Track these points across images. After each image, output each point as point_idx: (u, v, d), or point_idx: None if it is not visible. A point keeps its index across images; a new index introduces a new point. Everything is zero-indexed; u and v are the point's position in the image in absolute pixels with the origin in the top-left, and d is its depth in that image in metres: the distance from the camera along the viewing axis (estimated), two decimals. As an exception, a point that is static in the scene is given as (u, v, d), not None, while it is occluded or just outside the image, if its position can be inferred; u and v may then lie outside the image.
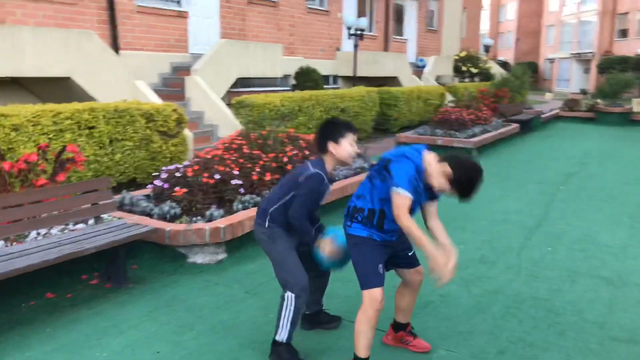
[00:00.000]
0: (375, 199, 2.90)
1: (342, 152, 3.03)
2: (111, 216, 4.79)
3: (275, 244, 3.12)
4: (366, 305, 2.89)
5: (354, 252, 2.97)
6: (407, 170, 2.77)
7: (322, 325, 3.58)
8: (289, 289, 3.07)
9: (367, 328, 2.89)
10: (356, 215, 2.95)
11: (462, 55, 22.86)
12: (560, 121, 18.13)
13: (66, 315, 3.70)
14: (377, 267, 2.91)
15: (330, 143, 3.03)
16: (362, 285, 2.92)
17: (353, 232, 2.96)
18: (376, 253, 2.93)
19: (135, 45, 10.78)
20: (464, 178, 2.74)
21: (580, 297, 4.15)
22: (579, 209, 6.80)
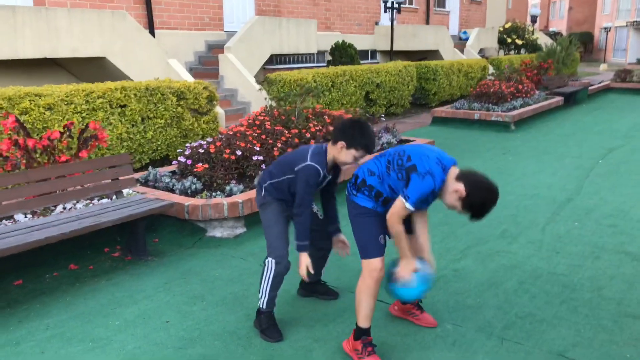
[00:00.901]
0: (386, 185, 2.86)
1: (344, 157, 2.98)
2: (134, 191, 4.94)
3: (265, 211, 3.20)
4: (365, 275, 2.90)
5: (355, 222, 2.95)
6: (424, 191, 2.69)
7: (318, 295, 3.65)
8: (269, 255, 3.16)
9: (367, 297, 2.90)
10: (363, 189, 2.92)
11: (507, 27, 22.07)
12: (610, 93, 17.33)
13: (86, 285, 3.87)
14: (378, 237, 2.90)
15: (340, 142, 2.95)
16: (361, 254, 2.93)
17: (358, 201, 2.93)
18: (378, 223, 2.91)
19: (170, 24, 10.94)
20: (476, 200, 2.65)
21: (601, 273, 4.02)
22: (615, 184, 6.53)
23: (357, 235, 2.95)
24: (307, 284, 3.64)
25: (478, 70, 15.98)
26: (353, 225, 2.97)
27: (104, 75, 8.78)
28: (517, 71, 13.90)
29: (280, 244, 3.17)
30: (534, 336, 3.18)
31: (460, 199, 2.67)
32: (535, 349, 3.05)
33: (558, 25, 54.01)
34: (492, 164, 7.71)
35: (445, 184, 2.73)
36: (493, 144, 9.22)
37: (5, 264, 3.87)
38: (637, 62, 19.62)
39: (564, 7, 53.60)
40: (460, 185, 2.66)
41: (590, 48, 48.62)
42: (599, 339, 3.14)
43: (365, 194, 2.91)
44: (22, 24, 7.28)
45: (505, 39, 21.91)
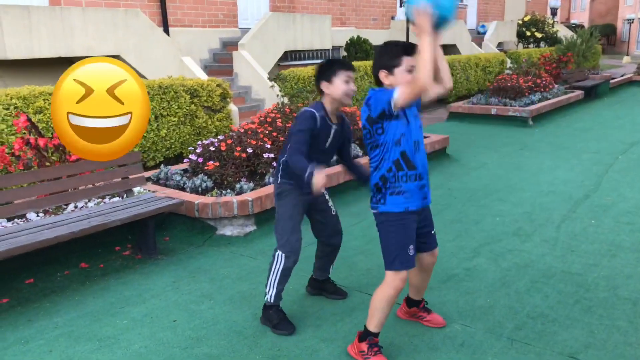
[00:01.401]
0: (389, 153, 2.74)
1: (336, 90, 2.96)
2: (145, 190, 4.95)
3: (281, 200, 3.16)
4: (389, 285, 2.80)
5: (383, 229, 2.83)
6: (380, 93, 2.68)
7: (326, 293, 3.61)
8: (280, 248, 3.13)
9: (385, 306, 2.83)
10: (384, 187, 2.78)
11: (526, 20, 21.72)
12: (633, 86, 16.98)
13: (96, 284, 3.89)
14: (408, 248, 2.80)
15: (323, 83, 2.98)
16: (388, 264, 2.81)
17: (387, 210, 2.79)
18: (409, 231, 2.80)
19: (184, 21, 10.97)
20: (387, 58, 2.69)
21: (618, 272, 3.92)
22: (635, 180, 6.38)
23: (385, 245, 2.84)
24: (316, 281, 3.61)
25: (496, 65, 15.76)
26: (380, 233, 2.86)
27: (119, 73, 8.82)
28: (536, 65, 13.67)
29: (293, 238, 3.14)
30: (545, 337, 3.11)
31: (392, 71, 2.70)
32: (546, 351, 2.98)
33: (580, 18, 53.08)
34: (508, 159, 7.59)
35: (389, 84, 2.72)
36: (510, 139, 9.08)
37: (17, 263, 3.91)
38: (660, 54, 19.17)
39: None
40: (382, 73, 2.73)
41: (613, 40, 47.70)
42: (613, 340, 3.05)
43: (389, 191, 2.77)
44: (37, 24, 7.35)
45: (525, 32, 21.56)
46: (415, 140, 2.79)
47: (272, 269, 3.18)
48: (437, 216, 5.17)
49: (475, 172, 6.93)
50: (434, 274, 3.91)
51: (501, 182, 6.42)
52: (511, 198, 5.78)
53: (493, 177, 6.64)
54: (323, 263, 3.54)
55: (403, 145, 2.74)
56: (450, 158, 7.64)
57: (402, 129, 2.73)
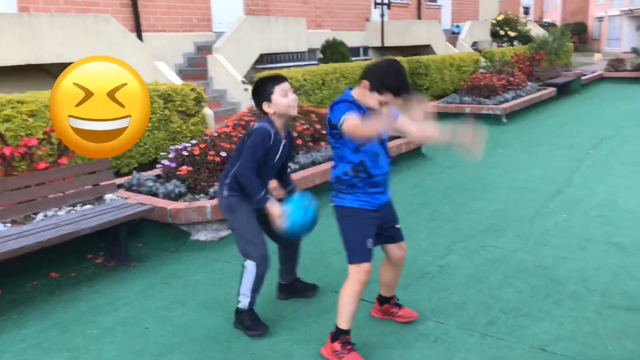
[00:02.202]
0: (346, 157, 2.81)
1: (279, 107, 3.01)
2: (117, 196, 4.89)
3: (233, 213, 3.16)
4: (353, 279, 2.84)
5: (343, 224, 2.89)
6: (343, 106, 2.72)
7: (298, 294, 3.61)
8: (248, 258, 3.12)
9: (351, 301, 2.85)
10: (341, 187, 2.86)
11: (500, 19, 22.00)
12: (604, 82, 17.29)
13: (67, 293, 3.83)
14: (366, 240, 2.84)
15: (264, 104, 3.03)
16: (349, 258, 2.86)
17: (344, 204, 2.87)
18: (367, 226, 2.85)
19: (158, 26, 10.89)
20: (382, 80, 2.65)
21: (588, 264, 3.97)
22: (605, 175, 6.49)
23: (346, 239, 2.89)
24: (285, 286, 3.61)
25: (471, 64, 15.91)
26: (341, 228, 2.91)
27: (91, 80, 8.71)
28: (509, 63, 13.85)
29: (258, 243, 3.13)
30: (517, 331, 3.14)
31: (371, 89, 2.68)
32: (518, 344, 3.01)
33: (552, 16, 53.89)
34: (482, 157, 7.63)
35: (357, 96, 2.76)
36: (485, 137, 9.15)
37: (-16, 274, 3.83)
38: (631, 50, 19.56)
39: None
40: (364, 82, 2.70)
41: (585, 38, 48.50)
42: (582, 332, 3.10)
43: (345, 189, 2.84)
44: (4, 31, 7.23)
45: (498, 31, 21.83)
46: (375, 152, 2.84)
47: (243, 279, 3.15)
48: (412, 215, 5.22)
49: (450, 170, 6.99)
50: (408, 272, 3.94)
51: (476, 180, 6.48)
52: (485, 195, 5.84)
53: (468, 175, 6.70)
54: (288, 266, 3.54)
55: (361, 154, 2.81)
56: (426, 157, 7.69)
57: None
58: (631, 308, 3.34)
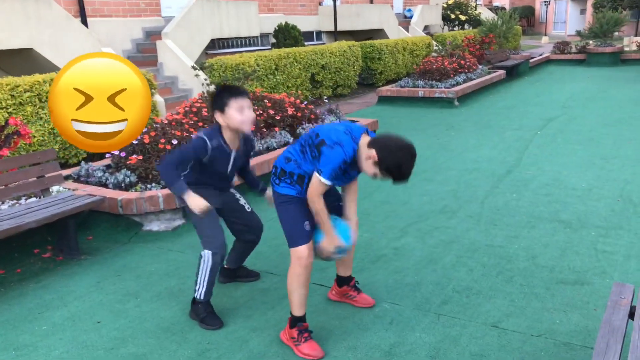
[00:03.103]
0: (307, 167, 2.80)
1: (230, 120, 2.93)
2: (65, 188, 4.73)
3: None
4: (294, 263, 2.85)
5: (280, 210, 2.89)
6: (335, 161, 2.63)
7: (239, 279, 3.63)
8: (205, 247, 3.09)
9: (298, 286, 2.85)
10: (283, 178, 2.86)
11: (450, 3, 22.27)
12: (550, 65, 17.82)
13: (12, 290, 3.68)
14: (304, 224, 2.84)
15: (216, 113, 2.95)
16: (289, 243, 2.87)
17: (281, 191, 2.87)
18: (301, 210, 2.86)
19: (104, 11, 10.52)
20: (391, 162, 2.56)
21: (536, 242, 4.10)
22: (552, 154, 6.70)
23: (283, 224, 2.89)
24: (228, 270, 3.61)
25: (423, 48, 16.08)
26: (279, 214, 2.91)
27: (33, 67, 8.36)
28: (460, 47, 14.06)
29: (215, 233, 3.10)
30: (470, 309, 3.21)
31: (375, 164, 2.61)
32: (471, 322, 3.08)
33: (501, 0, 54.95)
34: (435, 140, 7.78)
35: (358, 153, 2.69)
36: (437, 120, 9.31)
37: None
38: (576, 33, 20.17)
39: (506, -18, 54.51)
40: (372, 151, 2.60)
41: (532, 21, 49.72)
42: (532, 307, 3.20)
43: (287, 182, 2.85)
44: (-63, 17, 6.83)
45: (449, 15, 22.11)
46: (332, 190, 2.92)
47: (200, 268, 3.11)
48: (367, 199, 5.26)
49: (404, 153, 7.05)
50: (364, 255, 3.97)
51: (428, 162, 6.57)
52: (438, 177, 5.93)
53: (420, 158, 6.77)
54: (239, 255, 3.53)
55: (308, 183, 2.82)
56: (380, 141, 7.73)
57: None
58: (577, 282, 3.46)
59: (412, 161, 2.59)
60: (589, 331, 2.94)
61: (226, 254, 3.17)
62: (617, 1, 31.60)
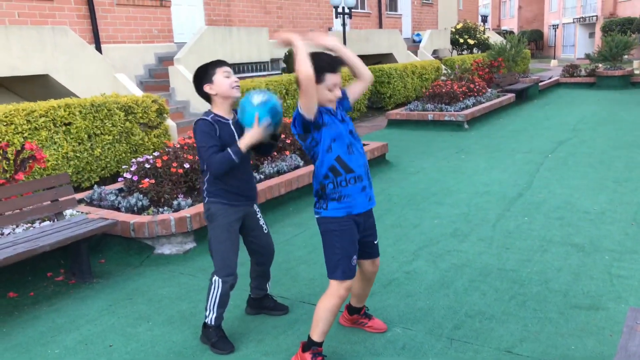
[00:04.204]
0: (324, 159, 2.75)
1: (220, 87, 2.96)
2: (78, 212, 4.77)
3: (212, 223, 3.08)
4: (333, 295, 2.80)
5: (327, 238, 2.83)
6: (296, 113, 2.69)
7: (266, 310, 3.55)
8: (216, 273, 3.08)
9: (329, 316, 2.82)
10: (324, 194, 2.79)
11: (459, 27, 22.48)
12: (560, 88, 17.84)
13: (26, 313, 3.71)
14: (352, 258, 2.81)
15: (206, 86, 2.98)
16: (332, 274, 2.81)
17: (329, 215, 2.79)
18: (352, 240, 2.81)
19: (117, 37, 10.73)
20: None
21: (549, 266, 4.07)
22: (563, 177, 6.68)
23: (328, 253, 2.83)
24: (254, 300, 3.55)
25: (432, 72, 16.18)
26: (324, 241, 2.85)
27: (49, 92, 8.53)
28: (469, 70, 14.14)
29: (228, 260, 3.08)
30: (483, 334, 3.18)
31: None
32: (484, 347, 3.04)
33: (509, 24, 55.39)
34: (445, 163, 7.78)
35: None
36: (447, 143, 9.33)
37: (-63, 297, 3.67)
38: (585, 57, 20.24)
39: (514, 6, 55.03)
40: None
41: (541, 45, 49.99)
42: (546, 332, 3.16)
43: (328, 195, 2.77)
44: (-44, 44, 7.01)
45: (458, 39, 22.30)
46: (348, 143, 2.79)
47: (210, 294, 3.10)
48: (378, 222, 5.20)
49: (413, 176, 7.07)
50: (375, 279, 3.93)
51: (439, 186, 6.57)
52: (448, 200, 5.92)
53: (431, 181, 6.79)
54: (259, 282, 3.49)
55: (335, 150, 2.75)
56: (390, 164, 7.77)
57: (332, 134, 2.75)
58: (591, 307, 3.42)
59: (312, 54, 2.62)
60: (605, 357, 2.90)
61: (236, 282, 3.14)
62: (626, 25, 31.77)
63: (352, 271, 2.82)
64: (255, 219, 3.29)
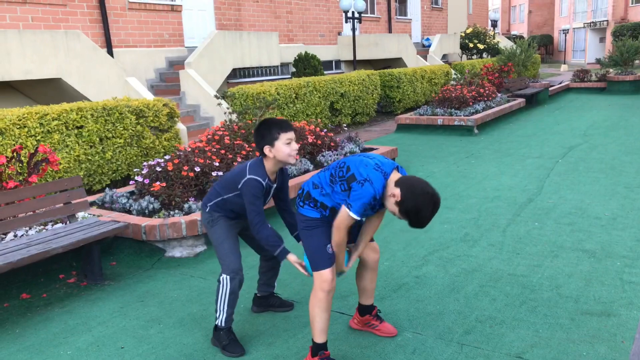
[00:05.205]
0: (336, 198, 2.82)
1: (279, 154, 2.96)
2: (90, 214, 4.82)
3: (213, 227, 3.16)
4: (316, 287, 2.85)
5: (304, 234, 2.91)
6: (365, 198, 2.65)
7: (272, 308, 3.60)
8: (223, 272, 3.12)
9: (320, 311, 2.85)
10: (307, 202, 2.90)
11: (469, 32, 22.45)
12: (570, 93, 17.76)
13: (38, 315, 3.74)
14: (326, 247, 2.85)
15: (266, 147, 2.97)
16: (312, 267, 2.88)
17: (305, 213, 2.90)
18: (325, 233, 2.87)
19: (129, 42, 10.81)
20: (411, 205, 2.56)
21: (559, 272, 4.05)
22: (574, 182, 6.64)
23: (306, 248, 2.91)
24: (260, 299, 3.60)
25: (441, 76, 16.18)
26: (302, 238, 2.93)
27: (61, 96, 8.61)
28: (479, 75, 14.11)
29: (232, 259, 3.13)
30: (494, 339, 3.17)
31: (397, 204, 2.62)
32: (495, 352, 3.04)
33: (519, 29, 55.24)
34: (455, 168, 7.77)
35: (385, 189, 2.70)
36: (457, 148, 9.31)
37: (-48, 298, 3.72)
38: (596, 61, 20.15)
39: (524, 11, 54.87)
40: (397, 190, 2.61)
41: (551, 50, 49.80)
42: (557, 338, 3.15)
43: (310, 205, 2.89)
44: (-29, 48, 7.09)
45: (468, 44, 22.27)
46: None
47: (219, 294, 3.14)
48: (387, 226, 5.26)
49: (423, 181, 7.05)
50: (385, 283, 3.96)
51: (448, 190, 6.56)
52: (458, 205, 5.91)
53: (440, 186, 6.78)
54: (268, 277, 3.53)
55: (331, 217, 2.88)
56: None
57: None
58: (603, 313, 3.41)
59: (432, 208, 2.58)
60: (617, 363, 2.88)
61: (243, 279, 3.18)
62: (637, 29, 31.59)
63: (328, 260, 2.85)
64: None
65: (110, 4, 10.37)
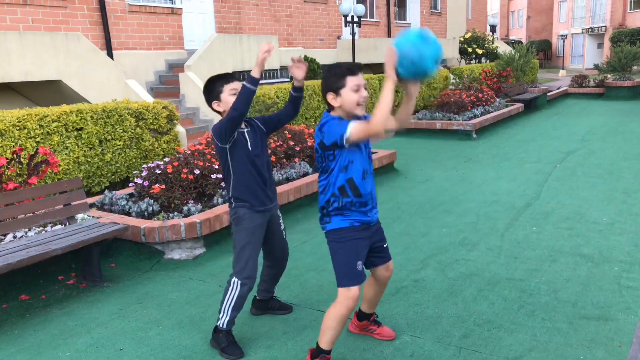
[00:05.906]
0: (337, 177, 2.78)
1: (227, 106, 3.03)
2: (89, 216, 4.82)
3: (237, 226, 3.14)
4: (341, 303, 2.80)
5: (333, 247, 2.85)
6: (334, 123, 2.68)
7: (271, 311, 3.62)
8: (236, 275, 3.11)
9: (337, 325, 2.83)
10: (330, 210, 2.83)
11: (467, 37, 22.51)
12: (569, 98, 17.81)
13: (37, 316, 3.74)
14: (357, 264, 2.82)
15: (214, 103, 3.11)
16: (339, 281, 2.82)
17: (333, 227, 2.83)
18: (358, 248, 2.83)
19: (129, 44, 10.83)
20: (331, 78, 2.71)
21: (558, 276, 4.07)
22: (572, 187, 6.67)
23: (335, 262, 2.85)
24: (260, 302, 3.60)
25: (440, 81, 16.20)
26: (331, 251, 2.87)
27: (61, 98, 8.62)
28: (477, 80, 14.16)
29: (250, 265, 3.12)
30: (491, 343, 3.19)
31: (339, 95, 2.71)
32: (493, 356, 3.05)
33: (518, 34, 55.40)
34: (453, 172, 7.79)
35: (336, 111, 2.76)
36: (455, 152, 9.33)
37: (-49, 298, 3.72)
38: (594, 67, 20.23)
39: (523, 16, 55.04)
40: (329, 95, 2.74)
41: (550, 55, 49.93)
42: (554, 342, 3.16)
43: (336, 209, 2.80)
44: (-29, 49, 7.10)
45: (466, 48, 22.33)
46: (365, 169, 2.82)
47: (227, 295, 3.13)
48: (386, 230, 5.22)
49: (422, 185, 7.08)
50: (384, 287, 3.96)
51: (447, 194, 6.58)
52: (457, 209, 5.93)
53: (439, 190, 6.80)
54: (268, 285, 3.54)
55: (350, 172, 2.78)
56: (398, 172, 7.78)
57: (352, 156, 2.77)
58: (601, 318, 3.42)
59: (333, 64, 2.76)
60: (614, 368, 2.90)
61: (253, 286, 3.19)
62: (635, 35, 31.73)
63: (358, 277, 2.82)
64: (277, 223, 3.36)
65: (110, 6, 10.39)
